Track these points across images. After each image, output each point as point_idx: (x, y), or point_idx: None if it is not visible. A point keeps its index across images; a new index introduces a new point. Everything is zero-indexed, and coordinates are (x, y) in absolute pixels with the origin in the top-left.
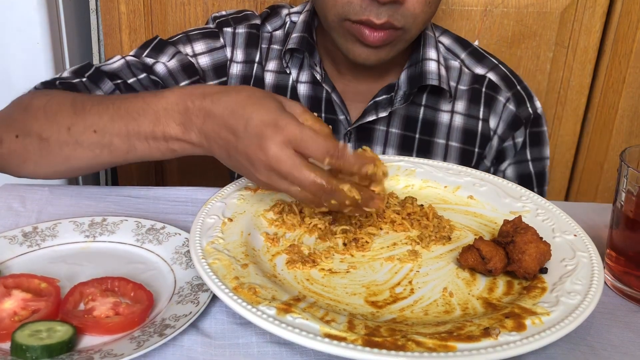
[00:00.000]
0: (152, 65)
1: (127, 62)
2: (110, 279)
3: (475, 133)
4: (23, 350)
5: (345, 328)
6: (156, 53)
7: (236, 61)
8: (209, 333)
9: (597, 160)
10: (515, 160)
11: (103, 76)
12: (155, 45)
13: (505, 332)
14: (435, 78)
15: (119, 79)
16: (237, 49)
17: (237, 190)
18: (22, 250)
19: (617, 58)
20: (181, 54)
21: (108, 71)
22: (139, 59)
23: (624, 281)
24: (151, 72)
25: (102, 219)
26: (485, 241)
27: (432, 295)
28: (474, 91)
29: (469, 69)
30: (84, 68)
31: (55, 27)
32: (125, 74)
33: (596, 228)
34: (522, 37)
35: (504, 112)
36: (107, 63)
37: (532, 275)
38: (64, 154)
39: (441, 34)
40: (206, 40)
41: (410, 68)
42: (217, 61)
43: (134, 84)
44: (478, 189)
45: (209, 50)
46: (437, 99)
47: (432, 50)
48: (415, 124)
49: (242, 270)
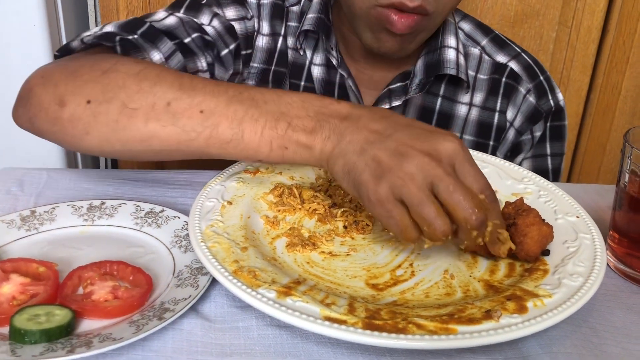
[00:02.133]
0: (201, 25)
1: (180, 19)
2: (109, 262)
3: (490, 125)
4: (22, 334)
5: (346, 311)
6: (194, 13)
7: (262, 33)
8: (209, 316)
9: (599, 141)
10: (532, 155)
11: (160, 34)
12: (190, 5)
13: (507, 315)
14: (453, 67)
15: (177, 38)
16: (262, 21)
17: (237, 173)
18: (20, 234)
19: (621, 38)
20: (219, 15)
21: (163, 29)
22: (189, 17)
23: (626, 263)
24: (203, 32)
25: (101, 202)
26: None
27: (433, 277)
28: (494, 81)
29: (490, 56)
30: (133, 24)
31: (52, 9)
32: (181, 33)
33: (599, 210)
34: (524, 17)
35: (523, 104)
36: (156, 19)
37: (534, 258)
38: (148, 130)
39: (462, 18)
40: (236, 7)
41: (428, 55)
42: (248, 30)
43: (190, 44)
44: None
45: (240, 18)
46: (455, 90)
47: (451, 38)
48: (431, 115)
49: (242, 253)
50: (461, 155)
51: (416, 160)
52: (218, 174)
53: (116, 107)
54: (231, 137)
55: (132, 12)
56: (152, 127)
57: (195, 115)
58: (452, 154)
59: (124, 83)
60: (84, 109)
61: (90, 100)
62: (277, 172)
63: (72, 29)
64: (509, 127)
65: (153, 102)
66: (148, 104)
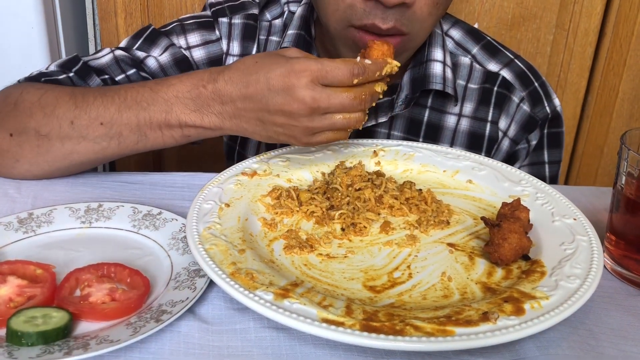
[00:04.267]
0: (143, 60)
1: (115, 58)
2: (106, 264)
3: (482, 136)
4: (18, 336)
5: (343, 313)
6: (148, 45)
7: (232, 54)
8: (206, 319)
9: (597, 143)
10: (529, 162)
11: (91, 72)
12: (148, 36)
13: (504, 317)
14: (439, 82)
15: (106, 75)
16: (233, 41)
17: (234, 176)
18: (17, 236)
19: (618, 41)
20: (175, 46)
21: (96, 67)
22: (129, 53)
23: (623, 265)
24: (141, 68)
25: (99, 204)
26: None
27: (430, 279)
28: (485, 91)
29: (481, 64)
30: (71, 62)
31: (50, 11)
32: (113, 70)
33: (596, 212)
34: (522, 20)
35: (517, 113)
36: (95, 57)
37: (505, 264)
38: (66, 148)
39: (452, 25)
40: (201, 32)
41: (414, 69)
42: (212, 54)
43: (122, 81)
44: (477, 173)
45: (204, 43)
46: (443, 102)
47: (437, 50)
48: (419, 127)
49: (240, 255)
50: (315, 73)
51: (298, 122)
52: (215, 176)
53: (32, 135)
54: (137, 140)
55: (130, 15)
56: (68, 146)
57: (98, 128)
58: (316, 76)
59: (31, 111)
60: (9, 142)
61: (12, 133)
62: (275, 174)
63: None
64: (502, 138)
65: (59, 124)
66: (55, 127)
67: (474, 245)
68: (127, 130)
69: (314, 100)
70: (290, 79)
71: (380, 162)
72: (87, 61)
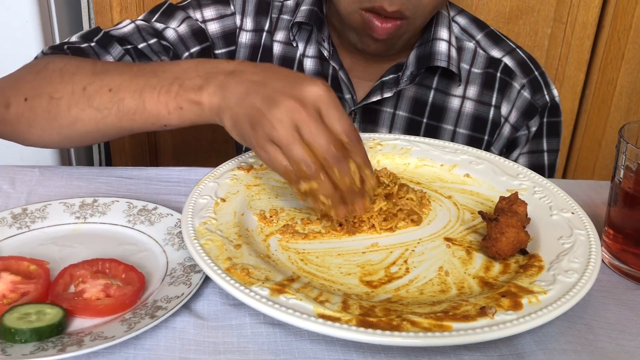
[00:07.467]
0: (162, 31)
1: (137, 27)
2: (101, 260)
3: (485, 120)
4: (12, 333)
5: (340, 308)
6: (166, 18)
7: (245, 29)
8: (202, 314)
9: (595, 137)
10: (529, 150)
11: (112, 41)
12: (165, 10)
13: (502, 311)
14: (444, 59)
15: (129, 44)
16: (246, 17)
17: (230, 171)
18: (11, 232)
19: (616, 34)
20: (191, 19)
21: (117, 36)
22: (149, 24)
23: (621, 259)
24: (162, 38)
25: (93, 200)
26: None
27: (427, 274)
28: (488, 75)
29: (485, 50)
30: (92, 33)
31: (45, 5)
32: (136, 39)
33: (594, 206)
34: (519, 13)
35: (518, 99)
36: (116, 27)
37: (502, 258)
38: (72, 115)
39: (457, 13)
40: (217, 6)
41: (420, 47)
42: (227, 29)
43: (145, 49)
44: (474, 167)
45: (219, 17)
46: (448, 83)
47: (443, 30)
48: (423, 107)
49: (235, 250)
50: (326, 99)
51: (284, 106)
52: (211, 171)
53: (45, 100)
54: (135, 108)
55: (125, 8)
56: (74, 112)
57: (105, 94)
58: (317, 98)
59: (51, 78)
60: (23, 106)
61: (27, 97)
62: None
63: (65, 26)
64: (503, 123)
65: (72, 89)
66: (68, 91)
67: (472, 239)
68: (130, 95)
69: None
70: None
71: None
72: (108, 31)
